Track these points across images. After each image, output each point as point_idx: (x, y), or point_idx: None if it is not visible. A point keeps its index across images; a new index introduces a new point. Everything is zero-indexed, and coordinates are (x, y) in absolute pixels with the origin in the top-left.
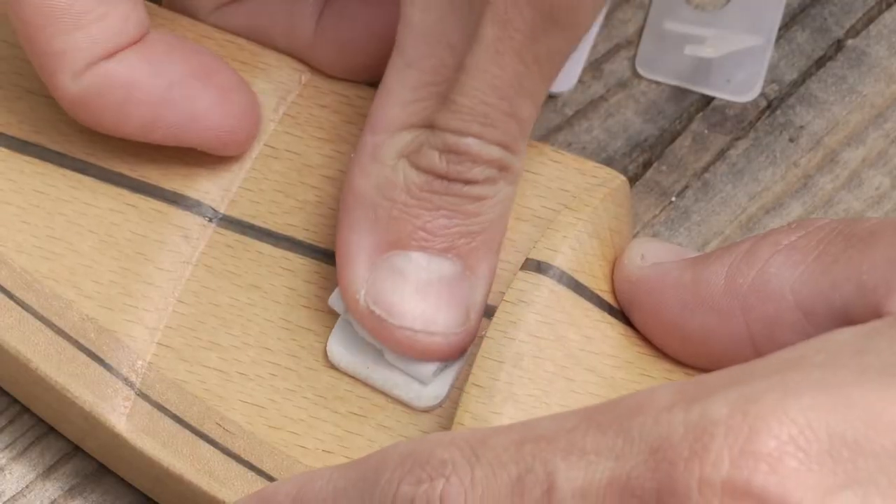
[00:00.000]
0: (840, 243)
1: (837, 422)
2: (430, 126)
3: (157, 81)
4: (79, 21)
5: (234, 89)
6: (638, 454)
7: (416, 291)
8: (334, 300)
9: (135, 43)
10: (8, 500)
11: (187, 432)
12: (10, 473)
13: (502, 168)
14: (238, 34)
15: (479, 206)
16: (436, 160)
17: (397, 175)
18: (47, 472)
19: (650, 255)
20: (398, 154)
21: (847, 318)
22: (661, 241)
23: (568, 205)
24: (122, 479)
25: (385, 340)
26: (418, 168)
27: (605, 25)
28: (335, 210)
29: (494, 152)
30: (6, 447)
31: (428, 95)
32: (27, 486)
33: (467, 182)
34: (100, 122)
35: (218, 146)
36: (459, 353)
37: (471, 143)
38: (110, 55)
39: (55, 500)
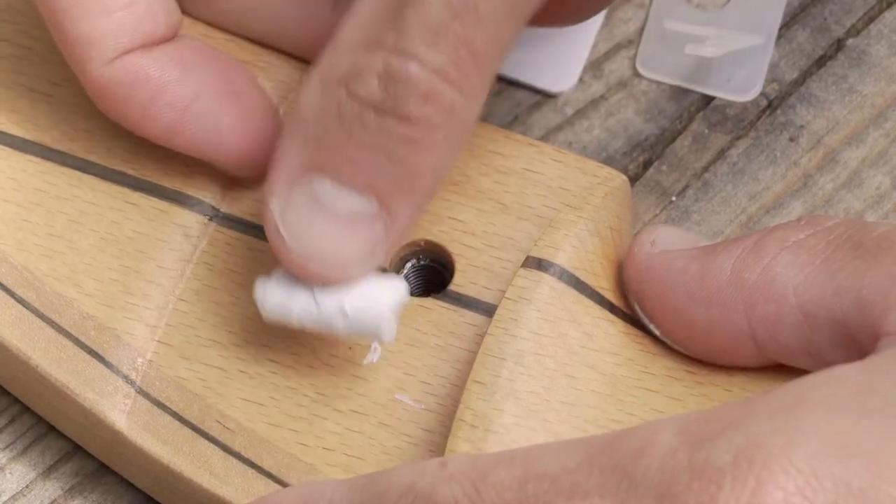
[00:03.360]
0: (848, 250)
1: (842, 470)
2: (375, 45)
3: (186, 88)
4: (106, 7)
5: (259, 111)
6: (642, 500)
7: (324, 222)
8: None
9: (167, 41)
10: (8, 499)
11: (187, 430)
12: (11, 473)
13: (445, 108)
14: (245, 20)
15: (409, 150)
16: (373, 87)
17: (332, 101)
18: (47, 472)
19: (660, 242)
20: (340, 79)
21: (846, 328)
22: (673, 228)
23: (569, 203)
24: (122, 479)
25: (281, 259)
26: (353, 96)
27: (605, 25)
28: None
29: (437, 84)
30: (6, 447)
31: (380, 15)
32: (27, 486)
33: (402, 118)
34: (125, 115)
35: (234, 167)
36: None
37: (414, 70)
38: (141, 47)
39: (55, 499)
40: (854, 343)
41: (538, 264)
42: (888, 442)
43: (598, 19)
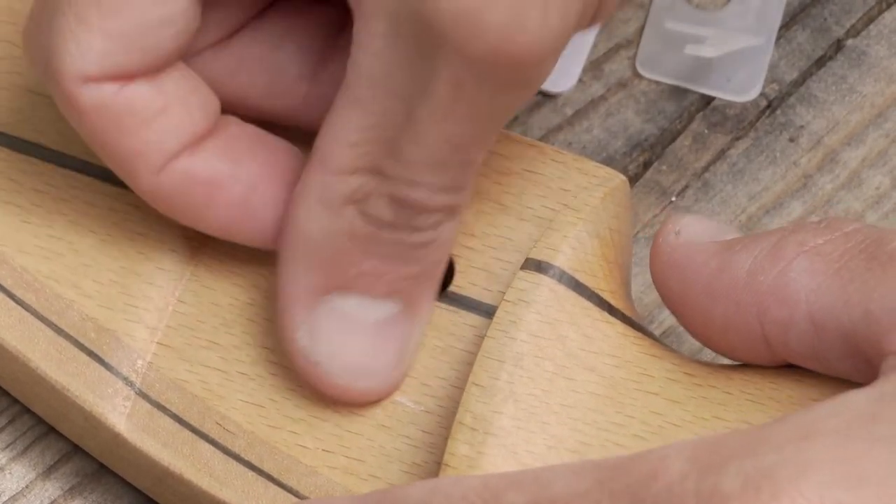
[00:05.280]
0: (862, 262)
1: (851, 499)
2: (378, 172)
3: (240, 183)
4: (143, 117)
5: None
6: None
7: (355, 336)
8: None
9: (211, 132)
10: (8, 499)
11: (187, 432)
12: (10, 473)
13: (452, 210)
14: (215, 87)
15: (424, 251)
16: (384, 210)
17: (343, 223)
18: (47, 472)
19: (686, 231)
20: (345, 200)
21: (854, 339)
22: (700, 217)
23: (568, 204)
24: (122, 479)
25: (320, 386)
26: (365, 217)
27: (605, 25)
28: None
29: (445, 199)
30: (6, 447)
31: (376, 139)
32: (27, 486)
33: (415, 230)
34: (184, 219)
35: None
36: (390, 394)
37: (422, 194)
38: (188, 148)
39: (55, 499)
40: (861, 355)
41: (537, 266)
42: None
43: None
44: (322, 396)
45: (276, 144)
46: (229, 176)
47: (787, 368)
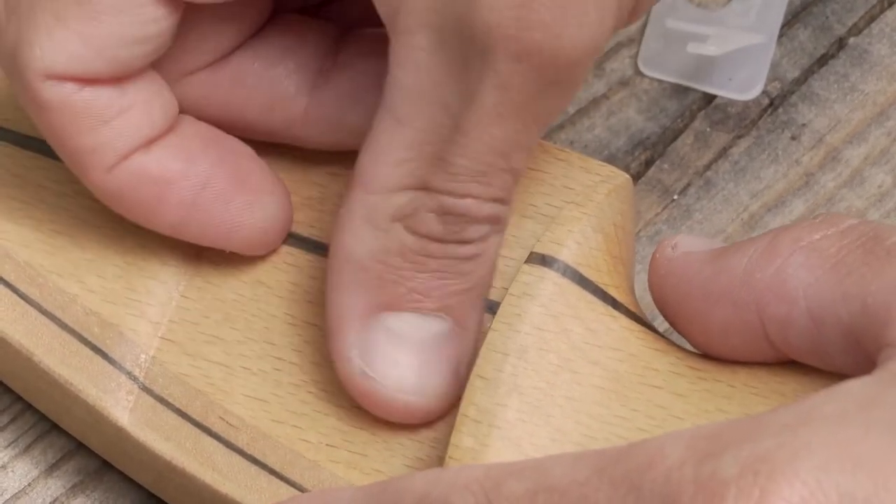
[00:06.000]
0: (859, 256)
1: (847, 482)
2: (425, 188)
3: (190, 181)
4: (102, 117)
5: (267, 192)
6: None
7: (409, 353)
8: None
9: (168, 131)
10: (10, 497)
11: (190, 426)
12: (13, 471)
13: (496, 222)
14: (205, 108)
15: (473, 264)
16: (433, 224)
17: (392, 240)
18: (50, 470)
19: (682, 245)
20: (392, 217)
21: (852, 334)
22: (696, 236)
23: (573, 202)
24: (124, 477)
25: (377, 406)
26: (414, 233)
27: None
28: (339, 206)
29: (491, 209)
30: (9, 445)
31: (421, 155)
32: (30, 484)
33: (463, 242)
34: (135, 216)
35: (246, 249)
36: (449, 411)
37: (469, 205)
38: (142, 147)
39: (58, 497)
40: (860, 349)
41: (542, 260)
42: (894, 453)
43: None
44: (325, 391)
45: (230, 143)
46: (180, 174)
47: (792, 363)
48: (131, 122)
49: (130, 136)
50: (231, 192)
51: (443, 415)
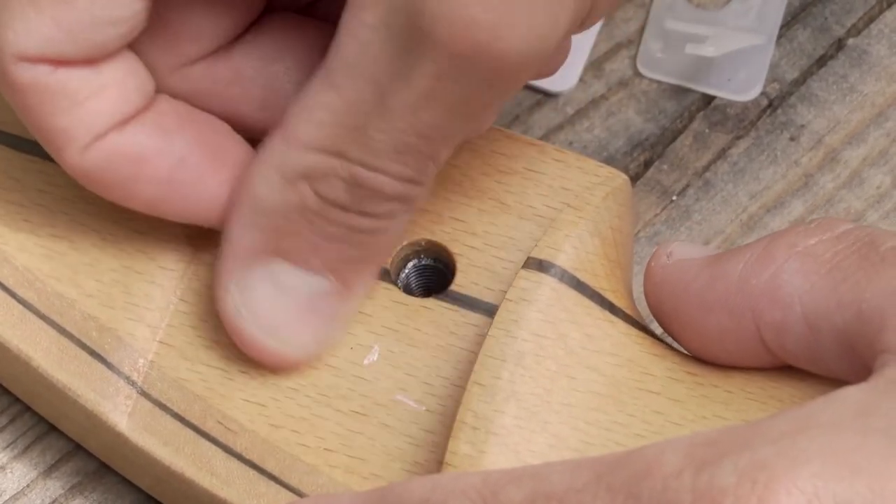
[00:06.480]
0: (854, 261)
1: (845, 489)
2: (340, 155)
3: (165, 159)
4: (76, 98)
5: (244, 167)
6: None
7: (286, 303)
8: None
9: (143, 110)
10: (9, 499)
11: (189, 431)
12: (11, 472)
13: (405, 202)
14: (201, 103)
15: (371, 238)
16: (339, 191)
17: (296, 196)
18: (48, 471)
19: (677, 253)
20: (302, 175)
21: (847, 340)
22: (691, 243)
23: (570, 203)
24: (123, 478)
25: (240, 341)
26: (319, 195)
27: (606, 24)
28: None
29: (403, 188)
30: (7, 446)
31: (343, 122)
32: (28, 485)
33: (366, 215)
34: (111, 195)
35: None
36: (302, 364)
37: (381, 180)
38: (117, 126)
39: (56, 498)
40: (856, 354)
41: (539, 265)
42: (891, 460)
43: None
44: (324, 395)
45: (207, 121)
46: (155, 151)
47: (788, 368)
48: (106, 102)
49: (105, 115)
50: (208, 168)
51: (296, 366)
